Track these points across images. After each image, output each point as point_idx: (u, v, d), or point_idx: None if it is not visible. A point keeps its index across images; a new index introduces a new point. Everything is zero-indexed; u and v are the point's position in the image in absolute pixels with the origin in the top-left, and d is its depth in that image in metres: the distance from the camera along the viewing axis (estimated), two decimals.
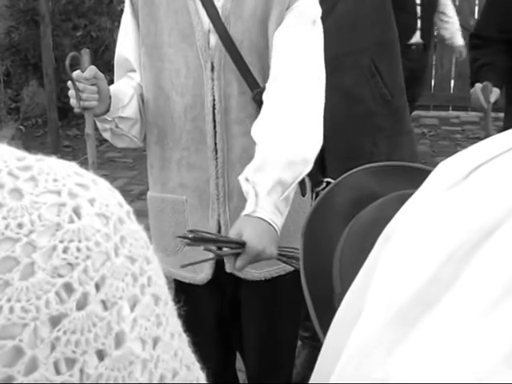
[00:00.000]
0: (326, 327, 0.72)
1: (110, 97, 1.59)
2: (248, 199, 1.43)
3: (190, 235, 1.46)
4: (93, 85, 1.54)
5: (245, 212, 1.42)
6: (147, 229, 0.88)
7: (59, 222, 0.39)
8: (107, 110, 1.60)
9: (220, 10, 1.58)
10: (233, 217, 1.64)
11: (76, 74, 1.54)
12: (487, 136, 0.45)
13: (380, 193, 0.82)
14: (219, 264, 1.66)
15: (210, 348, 1.80)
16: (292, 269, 1.58)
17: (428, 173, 0.85)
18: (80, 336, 0.38)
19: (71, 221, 0.39)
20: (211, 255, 1.50)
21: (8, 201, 0.38)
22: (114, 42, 7.34)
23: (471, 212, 0.41)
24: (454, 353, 0.37)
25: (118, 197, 0.43)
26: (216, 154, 1.64)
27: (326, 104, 2.08)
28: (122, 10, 6.94)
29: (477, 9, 6.83)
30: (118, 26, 1.82)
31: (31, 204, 0.38)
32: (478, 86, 2.52)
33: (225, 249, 1.48)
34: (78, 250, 0.38)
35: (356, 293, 0.47)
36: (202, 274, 1.70)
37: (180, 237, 1.48)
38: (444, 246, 0.40)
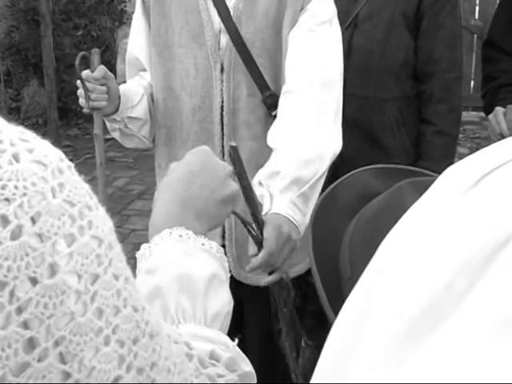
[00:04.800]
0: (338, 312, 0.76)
1: (120, 96, 1.58)
2: (263, 202, 1.37)
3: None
4: (102, 85, 1.53)
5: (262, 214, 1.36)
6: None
7: None
8: (116, 110, 1.59)
9: (232, 10, 1.56)
10: (238, 221, 1.63)
11: (85, 73, 1.53)
12: None
13: (384, 190, 0.83)
14: None
15: None
16: (295, 274, 1.54)
17: (430, 177, 0.86)
18: (12, 263, 0.42)
19: (10, 163, 0.44)
20: None
21: None
22: (115, 41, 7.27)
23: (483, 221, 0.39)
24: (466, 367, 0.36)
25: (59, 153, 0.48)
26: (223, 157, 1.62)
27: (347, 141, 2.11)
28: (122, 10, 6.95)
29: (477, 9, 6.83)
30: (119, 26, 1.83)
31: None
32: (500, 109, 2.08)
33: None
34: (16, 187, 0.43)
35: (357, 299, 0.45)
36: None
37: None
38: (457, 255, 0.39)
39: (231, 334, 2.08)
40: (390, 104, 2.10)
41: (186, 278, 0.71)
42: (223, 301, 0.75)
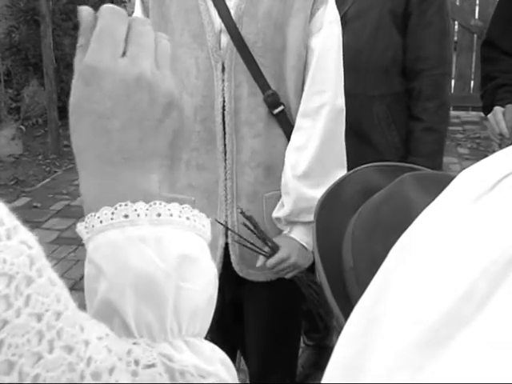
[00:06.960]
0: (341, 304, 0.78)
1: None
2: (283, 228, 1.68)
3: (244, 215, 1.61)
4: None
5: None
6: None
7: None
8: None
9: (233, 11, 1.57)
10: (240, 219, 1.64)
11: None
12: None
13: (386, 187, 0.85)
14: (223, 264, 1.67)
15: None
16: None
17: (433, 176, 0.87)
18: None
19: None
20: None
21: None
22: None
23: (502, 226, 0.39)
24: (487, 373, 0.35)
25: None
26: (225, 155, 1.63)
27: None
28: None
29: (477, 9, 6.83)
30: None
31: None
32: (499, 109, 2.10)
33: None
34: None
35: (369, 303, 0.45)
36: None
37: (242, 212, 1.61)
38: (476, 261, 0.38)
39: (231, 326, 2.09)
40: (380, 101, 2.13)
41: (143, 282, 0.52)
42: (201, 286, 0.55)
